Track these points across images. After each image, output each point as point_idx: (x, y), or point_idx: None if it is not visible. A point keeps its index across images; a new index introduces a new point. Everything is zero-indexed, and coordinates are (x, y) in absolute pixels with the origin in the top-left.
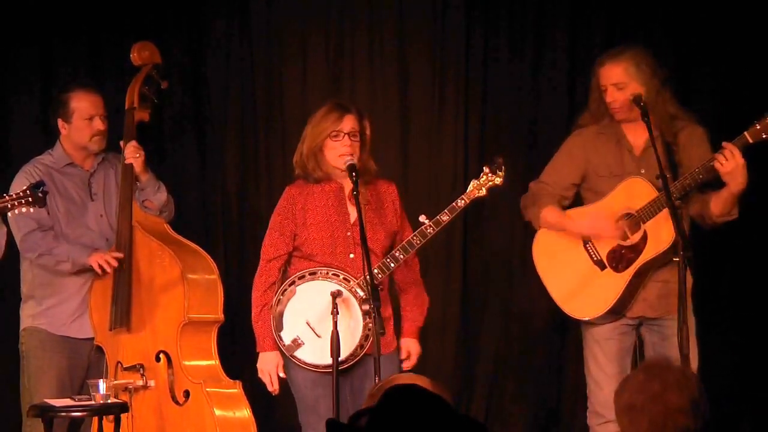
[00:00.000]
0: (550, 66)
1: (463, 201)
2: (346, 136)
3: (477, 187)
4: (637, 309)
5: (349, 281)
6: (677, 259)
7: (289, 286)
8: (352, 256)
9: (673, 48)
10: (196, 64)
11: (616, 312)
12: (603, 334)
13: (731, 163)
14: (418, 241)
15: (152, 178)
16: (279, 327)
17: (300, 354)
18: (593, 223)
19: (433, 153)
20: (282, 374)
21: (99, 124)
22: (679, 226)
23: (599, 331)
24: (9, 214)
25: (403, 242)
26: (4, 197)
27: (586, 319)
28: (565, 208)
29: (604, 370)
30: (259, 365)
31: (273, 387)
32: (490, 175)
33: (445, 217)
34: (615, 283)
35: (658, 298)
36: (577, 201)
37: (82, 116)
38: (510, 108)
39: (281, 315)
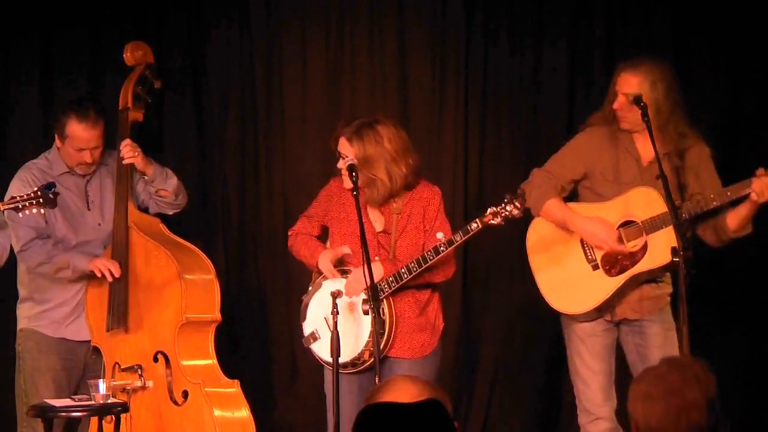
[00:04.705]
0: (551, 59)
1: (476, 225)
2: (341, 157)
3: (493, 214)
4: (620, 311)
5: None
6: (677, 260)
7: (318, 277)
8: (377, 258)
9: (673, 42)
10: (196, 64)
11: (597, 312)
12: (588, 331)
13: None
14: (431, 257)
15: (158, 168)
16: (303, 317)
17: (315, 347)
18: (594, 232)
19: (433, 150)
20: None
21: (87, 157)
22: (680, 228)
23: (583, 328)
24: (20, 214)
25: (418, 256)
26: (15, 198)
27: (569, 313)
28: (564, 200)
29: (590, 368)
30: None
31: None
32: (509, 206)
33: (458, 237)
34: (604, 286)
35: (639, 301)
36: (573, 195)
37: (73, 146)
38: (510, 101)
39: (306, 306)
